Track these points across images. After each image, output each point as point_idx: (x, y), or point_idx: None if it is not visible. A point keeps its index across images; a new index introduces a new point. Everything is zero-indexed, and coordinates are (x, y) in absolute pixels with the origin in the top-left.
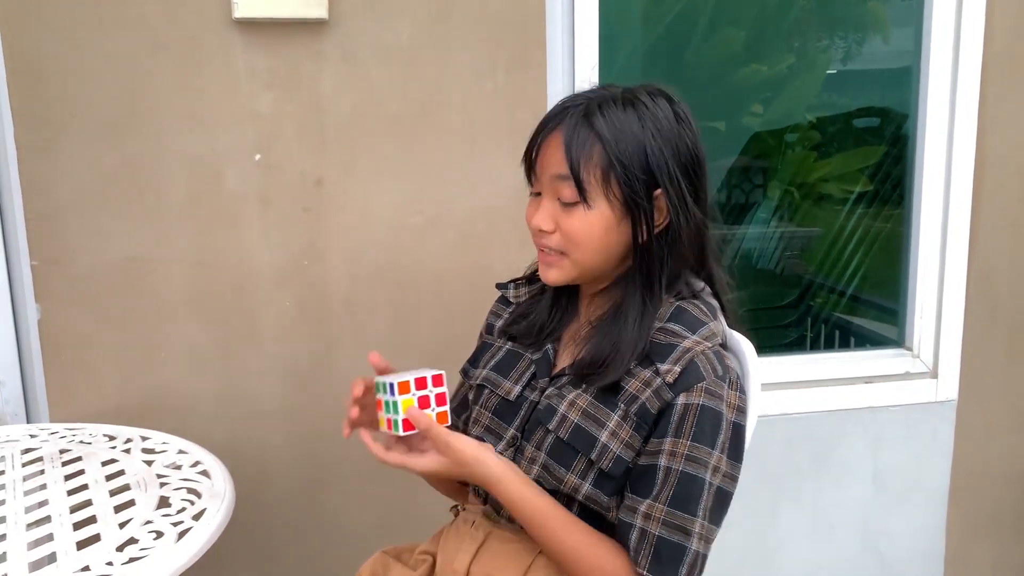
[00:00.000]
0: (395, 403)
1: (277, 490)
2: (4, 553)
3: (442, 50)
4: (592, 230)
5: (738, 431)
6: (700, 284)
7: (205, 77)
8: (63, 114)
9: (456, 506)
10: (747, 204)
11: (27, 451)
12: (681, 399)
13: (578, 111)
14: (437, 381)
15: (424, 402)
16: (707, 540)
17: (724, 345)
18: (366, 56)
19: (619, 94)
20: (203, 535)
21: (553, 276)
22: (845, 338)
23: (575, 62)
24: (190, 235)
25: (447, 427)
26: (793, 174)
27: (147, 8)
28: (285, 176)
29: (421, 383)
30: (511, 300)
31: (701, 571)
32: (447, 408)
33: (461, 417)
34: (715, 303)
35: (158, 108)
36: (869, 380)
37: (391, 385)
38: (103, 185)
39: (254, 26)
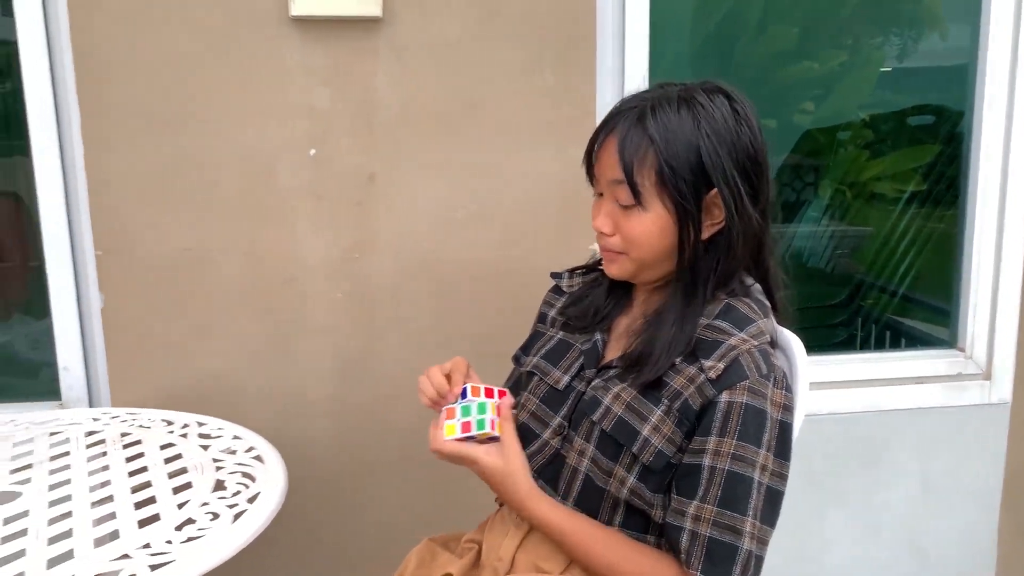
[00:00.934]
0: (483, 404)
1: (325, 476)
2: (71, 529)
3: (491, 47)
4: (649, 232)
5: (785, 429)
6: (753, 282)
7: (261, 73)
8: (126, 110)
9: None
10: (798, 202)
11: (90, 434)
12: (724, 397)
13: (632, 114)
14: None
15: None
16: (760, 540)
17: (773, 343)
18: (417, 53)
19: (675, 94)
20: (258, 518)
21: (614, 271)
22: (896, 338)
23: (625, 59)
24: (244, 228)
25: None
26: (845, 172)
27: (207, 6)
28: (337, 171)
29: (489, 393)
30: (564, 289)
31: (757, 572)
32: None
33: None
34: (766, 301)
35: (216, 104)
36: (920, 381)
37: (479, 390)
38: (162, 178)
39: (310, 24)
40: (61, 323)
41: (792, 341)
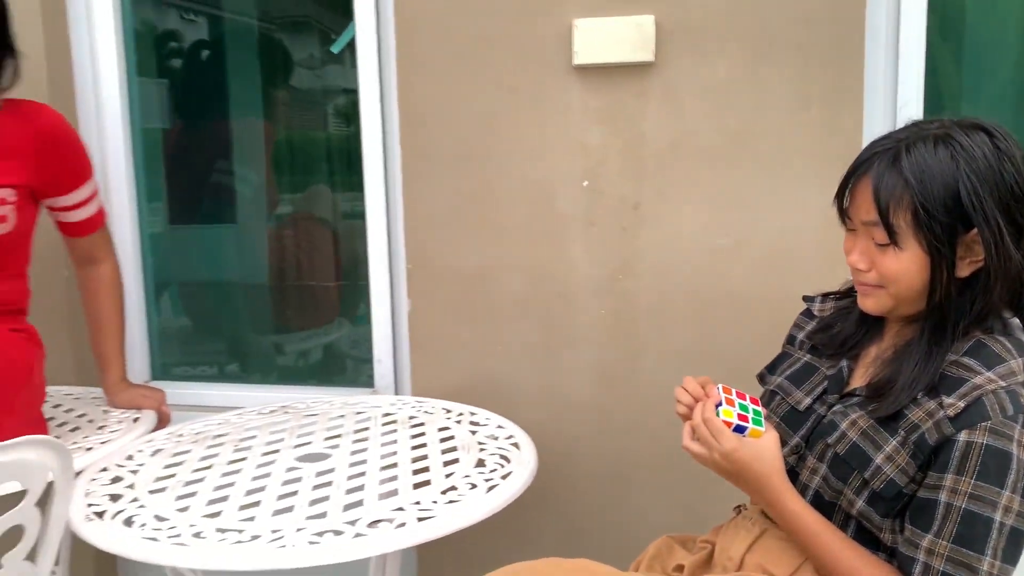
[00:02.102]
0: (757, 410)
1: (579, 471)
2: (363, 485)
3: (757, 85)
4: (906, 270)
5: None
6: (1015, 320)
7: (545, 115)
8: (434, 147)
9: (739, 506)
10: None
11: (386, 415)
12: (963, 436)
13: (888, 155)
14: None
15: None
16: None
17: None
18: (686, 93)
19: (931, 133)
20: (508, 491)
21: (870, 305)
22: None
23: (897, 93)
24: (526, 249)
25: None
26: None
27: (503, 59)
28: (607, 200)
29: (755, 400)
30: (815, 313)
31: None
32: None
33: None
34: None
35: (506, 141)
36: None
37: (731, 389)
38: (461, 204)
39: (589, 71)
40: (378, 323)
41: None
